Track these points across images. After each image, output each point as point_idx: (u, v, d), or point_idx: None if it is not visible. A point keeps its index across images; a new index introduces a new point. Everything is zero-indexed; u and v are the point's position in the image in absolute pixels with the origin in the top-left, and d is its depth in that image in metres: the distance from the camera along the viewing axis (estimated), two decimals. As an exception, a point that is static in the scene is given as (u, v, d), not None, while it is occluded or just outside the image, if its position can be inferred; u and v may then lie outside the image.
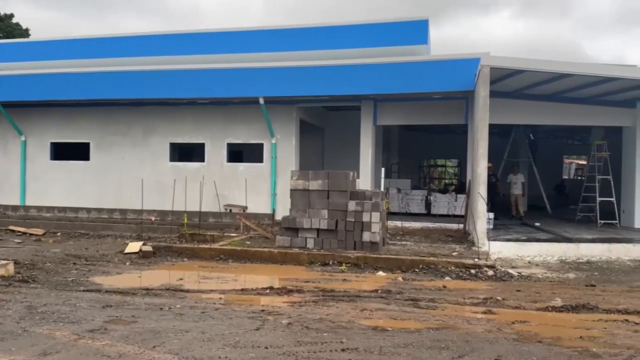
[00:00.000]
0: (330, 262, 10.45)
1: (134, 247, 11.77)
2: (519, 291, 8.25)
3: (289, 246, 11.46)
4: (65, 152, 18.22)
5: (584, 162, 26.84)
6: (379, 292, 7.97)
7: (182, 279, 9.29)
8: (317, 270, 10.03)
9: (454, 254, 11.08)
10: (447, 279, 9.27)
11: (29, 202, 18.08)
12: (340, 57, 15.46)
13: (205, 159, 16.86)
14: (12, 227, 15.65)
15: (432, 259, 10.29)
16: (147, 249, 11.51)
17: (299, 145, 16.60)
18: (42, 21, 62.21)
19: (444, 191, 19.09)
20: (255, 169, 16.50)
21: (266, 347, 5.28)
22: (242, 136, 16.64)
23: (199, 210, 15.20)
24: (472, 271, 9.67)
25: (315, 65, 15.14)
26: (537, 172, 19.60)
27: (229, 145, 16.80)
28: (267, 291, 8.07)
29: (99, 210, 17.33)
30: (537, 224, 15.03)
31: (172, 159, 17.20)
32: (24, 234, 15.10)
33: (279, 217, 13.78)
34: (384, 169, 14.43)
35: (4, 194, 18.25)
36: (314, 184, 11.62)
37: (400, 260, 10.30)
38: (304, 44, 16.34)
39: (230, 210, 16.09)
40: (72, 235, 15.24)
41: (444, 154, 28.26)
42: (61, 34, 38.85)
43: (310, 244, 11.41)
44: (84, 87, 16.57)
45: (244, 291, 8.17)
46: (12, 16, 34.79)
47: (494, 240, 11.93)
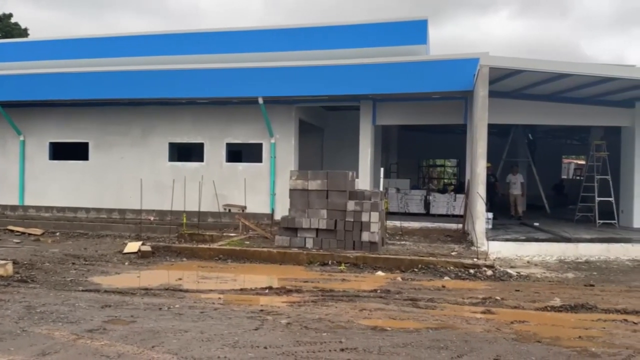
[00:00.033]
0: (329, 262, 10.46)
1: (132, 247, 11.76)
2: (518, 291, 8.26)
3: (288, 246, 11.46)
4: (64, 152, 18.20)
5: (582, 162, 26.84)
6: (378, 292, 7.98)
7: (181, 279, 9.28)
8: (316, 270, 10.03)
9: (453, 253, 11.08)
10: (446, 278, 9.27)
11: (27, 202, 18.07)
12: (339, 57, 15.47)
13: (204, 159, 16.86)
14: (10, 227, 15.64)
15: (431, 258, 10.29)
16: (146, 248, 11.50)
17: (298, 145, 16.60)
18: (41, 21, 62.19)
19: (443, 191, 19.10)
20: (254, 169, 16.50)
21: (265, 347, 5.29)
22: (241, 136, 16.64)
23: (198, 210, 15.20)
24: (471, 271, 9.68)
25: (314, 65, 15.15)
26: (536, 172, 19.62)
27: (228, 145, 16.80)
28: (266, 291, 8.07)
29: (98, 210, 17.32)
30: (536, 224, 15.05)
31: (171, 159, 17.20)
32: (23, 233, 15.09)
33: (278, 217, 13.79)
34: (383, 169, 14.41)
35: (2, 193, 18.23)
36: (313, 184, 11.62)
37: (399, 260, 10.30)
38: (303, 44, 16.35)
39: (229, 210, 16.08)
40: (70, 235, 15.23)
41: (443, 154, 28.28)
42: (60, 33, 38.82)
43: (309, 243, 11.41)
44: (83, 87, 16.56)
45: (243, 291, 8.17)
46: (10, 16, 34.76)
47: (493, 240, 11.93)
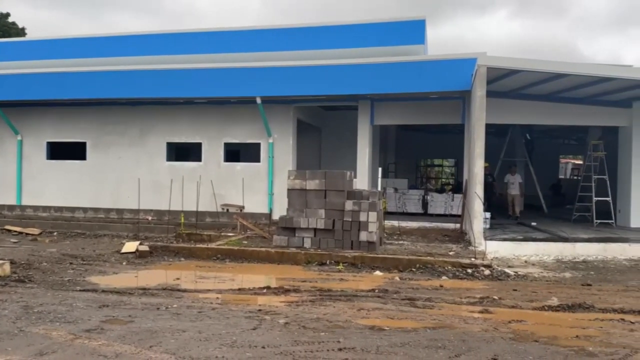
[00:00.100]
0: (327, 262, 10.46)
1: (130, 246, 11.75)
2: (516, 290, 8.27)
3: (286, 246, 11.46)
4: (61, 151, 18.17)
5: (580, 162, 26.88)
6: (376, 291, 7.98)
7: (179, 279, 9.28)
8: (314, 269, 10.03)
9: (451, 253, 11.09)
10: (444, 278, 9.29)
11: (25, 202, 18.04)
12: (337, 56, 15.48)
13: (202, 159, 16.85)
14: (8, 227, 15.61)
15: (429, 258, 10.30)
16: (144, 248, 11.48)
17: (296, 144, 16.60)
18: (39, 20, 62.08)
19: (441, 191, 19.13)
20: (252, 169, 16.49)
21: (263, 347, 5.28)
22: (239, 136, 16.64)
23: (195, 209, 15.20)
24: (469, 270, 9.69)
25: (312, 65, 15.15)
26: (534, 171, 19.64)
27: (226, 144, 16.79)
28: (264, 291, 8.07)
29: (96, 209, 17.30)
30: (534, 224, 15.07)
31: (169, 159, 17.18)
32: (20, 233, 15.06)
33: (276, 216, 13.78)
34: (381, 169, 14.42)
35: (0, 193, 18.21)
36: (311, 184, 11.62)
37: (397, 259, 10.31)
38: (301, 44, 16.34)
39: (227, 210, 16.07)
40: (68, 235, 15.21)
41: (441, 153, 28.30)
42: (58, 33, 38.70)
43: (307, 243, 11.41)
44: (81, 87, 16.53)
45: (241, 291, 8.16)
46: (8, 15, 34.70)
47: (491, 239, 11.95)
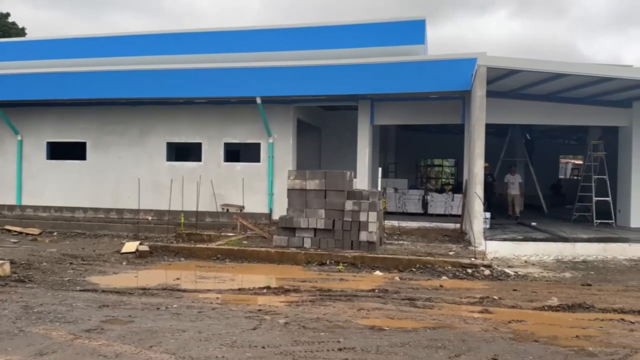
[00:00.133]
0: (327, 262, 10.45)
1: (130, 246, 11.74)
2: (516, 290, 8.27)
3: (286, 246, 11.45)
4: (61, 151, 18.17)
5: (580, 162, 26.88)
6: (376, 291, 7.98)
7: (179, 279, 9.28)
8: (314, 269, 10.03)
9: (451, 253, 11.09)
10: (444, 278, 9.29)
11: (25, 202, 18.04)
12: (337, 56, 15.48)
13: (202, 159, 16.85)
14: (8, 227, 15.60)
15: (429, 258, 10.30)
16: (144, 248, 11.48)
17: (296, 144, 16.60)
18: (39, 20, 62.08)
19: (441, 191, 19.13)
20: (252, 169, 16.49)
21: (263, 347, 5.28)
22: (239, 136, 16.63)
23: (196, 209, 15.20)
24: (469, 270, 9.69)
25: (312, 64, 15.15)
26: (534, 171, 19.64)
27: (226, 144, 16.79)
28: (264, 291, 8.07)
29: (96, 209, 17.30)
30: (534, 224, 15.07)
31: (169, 159, 17.18)
32: (20, 233, 15.06)
33: (276, 216, 13.78)
34: (381, 169, 14.42)
35: (0, 193, 18.21)
36: (311, 184, 11.62)
37: (397, 259, 10.30)
38: (301, 44, 16.34)
39: (227, 209, 16.07)
40: (68, 234, 15.21)
41: (441, 153, 28.30)
42: (57, 33, 38.69)
43: (307, 243, 11.41)
44: (81, 87, 16.54)
45: (241, 291, 8.16)
46: (8, 15, 34.69)
47: (491, 239, 11.95)
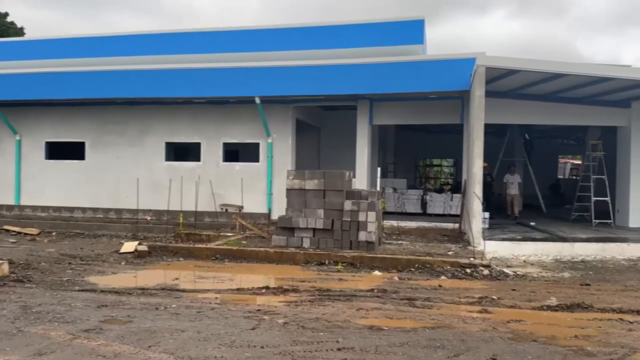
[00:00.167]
0: (326, 262, 10.45)
1: (129, 246, 11.73)
2: (514, 290, 8.28)
3: (285, 246, 11.45)
4: (60, 151, 18.15)
5: (579, 162, 26.91)
6: (375, 291, 7.98)
7: (177, 279, 9.27)
8: (313, 269, 10.03)
9: (450, 253, 11.10)
10: (443, 278, 9.29)
11: (23, 202, 18.01)
12: (336, 56, 15.47)
13: (201, 159, 16.84)
14: (6, 227, 15.57)
15: (427, 258, 10.30)
16: (143, 248, 11.47)
17: (295, 144, 16.60)
18: (37, 20, 62.01)
19: (440, 191, 19.13)
20: (251, 169, 16.49)
21: (262, 347, 5.28)
22: (238, 135, 16.63)
23: (194, 209, 15.18)
24: (468, 270, 9.69)
25: (311, 64, 15.15)
26: (533, 171, 19.66)
27: (225, 144, 16.78)
28: (263, 291, 8.06)
29: (94, 209, 17.28)
30: (533, 224, 15.08)
31: (168, 159, 17.17)
32: (19, 233, 15.03)
33: (275, 216, 13.78)
34: (379, 169, 14.42)
35: (-2, 193, 18.21)
36: (310, 184, 11.62)
37: (396, 259, 10.31)
38: (300, 44, 16.34)
39: (226, 209, 16.07)
40: (67, 234, 15.18)
41: (440, 153, 28.32)
42: (56, 33, 38.72)
43: (306, 243, 11.41)
44: (79, 86, 16.52)
45: (240, 291, 8.16)
46: (6, 15, 34.63)
47: (490, 239, 11.96)
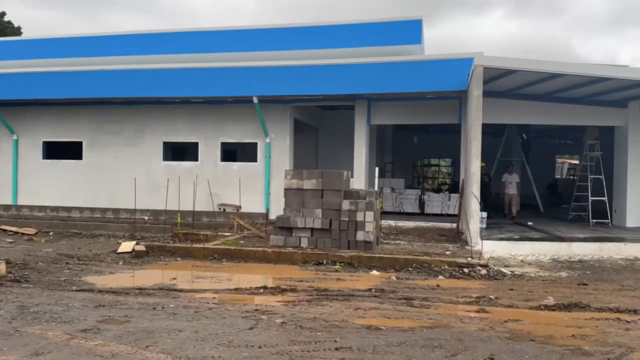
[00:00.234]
0: (324, 262, 10.45)
1: (127, 246, 11.72)
2: (512, 290, 8.29)
3: (282, 245, 11.45)
4: (57, 151, 18.11)
5: (576, 162, 26.96)
6: (373, 291, 7.98)
7: (175, 279, 9.27)
8: (311, 269, 10.03)
9: (447, 253, 11.11)
10: (441, 278, 9.30)
11: (21, 202, 17.97)
12: (334, 56, 15.47)
13: (198, 158, 16.82)
14: (3, 227, 15.54)
15: (425, 258, 10.31)
16: (140, 248, 11.46)
17: (293, 144, 16.59)
18: (34, 20, 61.87)
19: (438, 190, 19.14)
20: (249, 169, 16.48)
21: (260, 347, 5.28)
22: (236, 135, 16.62)
23: (192, 209, 15.17)
24: (465, 270, 9.70)
25: (309, 64, 15.14)
26: (530, 171, 19.69)
27: (223, 144, 16.77)
28: (261, 290, 8.06)
29: (92, 209, 17.25)
30: (530, 223, 15.10)
31: (166, 158, 17.15)
32: (16, 233, 15.01)
33: (273, 216, 13.79)
34: (377, 168, 14.43)
35: (-5, 193, 18.16)
36: (308, 184, 11.62)
37: (393, 259, 10.31)
38: (298, 43, 16.33)
39: (224, 209, 16.06)
40: (64, 234, 15.16)
41: (438, 153, 28.35)
42: (54, 32, 38.63)
43: (304, 243, 11.41)
44: (77, 86, 16.48)
45: (237, 290, 8.16)
46: (3, 14, 34.54)
47: (487, 239, 11.98)
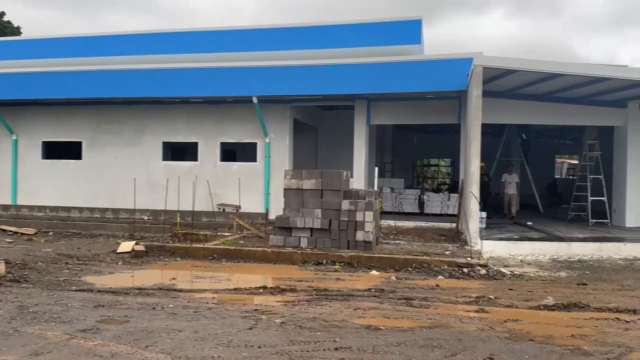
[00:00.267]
0: (323, 262, 10.45)
1: (126, 246, 11.72)
2: (511, 290, 8.29)
3: (282, 245, 11.45)
4: (57, 151, 18.10)
5: (576, 162, 26.97)
6: (372, 291, 7.99)
7: (174, 279, 9.26)
8: (310, 269, 10.03)
9: (447, 253, 11.11)
10: (440, 277, 9.30)
11: (20, 202, 17.96)
12: (333, 56, 15.47)
13: (198, 158, 16.82)
14: (3, 227, 15.53)
15: (425, 258, 10.31)
16: (140, 248, 11.46)
17: (293, 144, 16.59)
18: (34, 19, 61.85)
19: (437, 190, 19.14)
20: (248, 168, 16.47)
21: (259, 347, 5.28)
22: (236, 135, 16.61)
23: (192, 209, 15.16)
24: (465, 270, 9.70)
25: (308, 64, 15.15)
26: (530, 171, 19.70)
27: (222, 144, 16.77)
28: (261, 290, 8.06)
29: (91, 209, 17.24)
30: (529, 223, 15.10)
31: (165, 158, 17.15)
32: (15, 233, 14.99)
33: (273, 216, 13.78)
34: (377, 168, 14.42)
35: (-5, 193, 18.15)
36: (308, 184, 11.62)
37: (393, 259, 10.31)
38: (297, 43, 16.34)
39: (223, 209, 16.05)
40: (64, 234, 15.15)
41: (437, 153, 28.35)
42: (53, 32, 38.61)
43: (303, 243, 11.41)
44: (76, 86, 16.48)
45: (237, 290, 8.16)
46: (3, 14, 34.53)
47: (487, 239, 11.98)
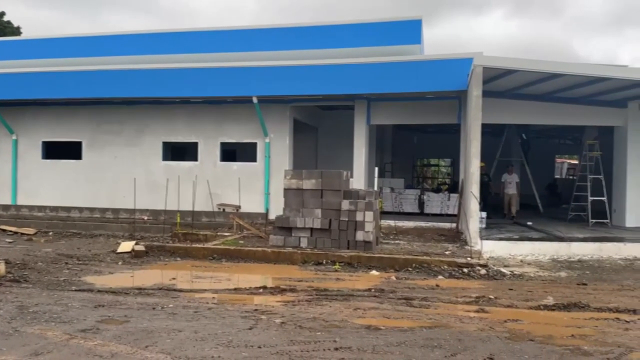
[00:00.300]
0: (323, 262, 10.45)
1: (126, 246, 11.72)
2: (511, 290, 8.29)
3: (282, 245, 11.45)
4: (57, 151, 18.10)
5: (576, 162, 26.97)
6: (372, 291, 7.99)
7: (174, 279, 9.26)
8: (310, 269, 10.03)
9: (447, 253, 11.11)
10: (440, 277, 9.30)
11: (20, 202, 17.96)
12: (333, 56, 15.48)
13: (198, 158, 16.82)
14: (3, 227, 15.53)
15: (425, 258, 10.31)
16: (140, 248, 11.46)
17: (293, 144, 16.59)
18: (34, 19, 61.85)
19: (437, 190, 19.14)
20: (248, 168, 16.47)
21: (259, 347, 5.28)
22: (236, 135, 16.61)
23: (192, 209, 15.16)
24: (465, 270, 9.70)
25: (308, 64, 15.15)
26: (530, 171, 19.70)
27: (222, 144, 16.77)
28: (261, 290, 8.06)
29: (91, 209, 17.24)
30: (529, 223, 15.11)
31: (165, 158, 17.15)
32: (15, 233, 14.99)
33: (273, 216, 13.78)
34: (377, 168, 14.42)
35: (-5, 193, 18.15)
36: (308, 184, 11.62)
37: (393, 259, 10.31)
38: (297, 43, 16.34)
39: (223, 209, 16.05)
40: (64, 234, 15.15)
41: (437, 153, 28.35)
42: (53, 32, 38.61)
43: (303, 243, 11.41)
44: (76, 86, 16.48)
45: (237, 290, 8.16)
46: (3, 14, 34.53)
47: (487, 239, 11.98)
